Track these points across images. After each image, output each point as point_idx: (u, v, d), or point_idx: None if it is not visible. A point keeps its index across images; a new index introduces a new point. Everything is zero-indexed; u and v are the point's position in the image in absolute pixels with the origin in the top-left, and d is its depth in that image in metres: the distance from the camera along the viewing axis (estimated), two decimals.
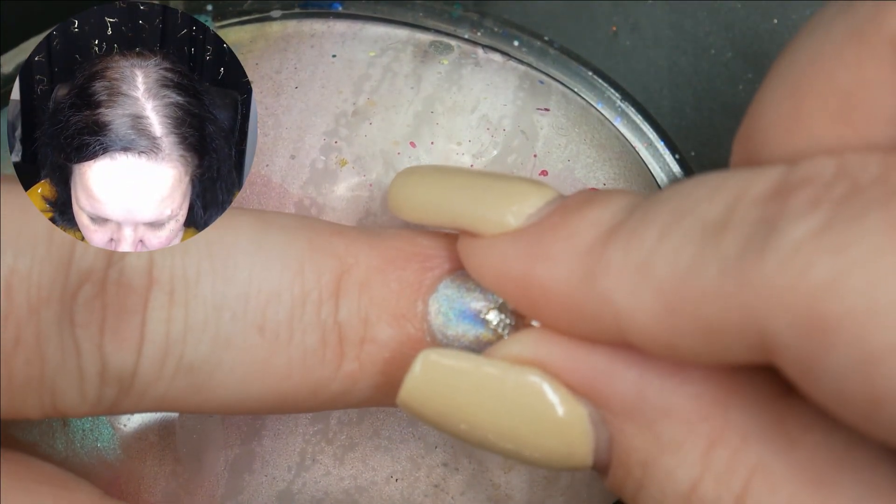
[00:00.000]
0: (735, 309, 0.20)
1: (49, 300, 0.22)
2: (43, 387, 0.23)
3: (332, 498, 0.29)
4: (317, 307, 0.24)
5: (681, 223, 0.21)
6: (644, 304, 0.21)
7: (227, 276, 0.24)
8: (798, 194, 0.20)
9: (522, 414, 0.23)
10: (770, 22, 0.36)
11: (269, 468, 0.29)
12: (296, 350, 0.24)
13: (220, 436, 0.29)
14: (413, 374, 0.23)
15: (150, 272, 0.23)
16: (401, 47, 0.31)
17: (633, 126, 0.32)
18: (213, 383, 0.24)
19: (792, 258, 0.19)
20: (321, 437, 0.29)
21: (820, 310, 0.19)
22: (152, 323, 0.23)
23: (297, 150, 0.30)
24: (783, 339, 0.19)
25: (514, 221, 0.24)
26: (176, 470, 0.29)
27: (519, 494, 0.30)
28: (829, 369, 0.19)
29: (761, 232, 0.20)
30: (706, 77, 0.36)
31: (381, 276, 0.25)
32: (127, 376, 0.23)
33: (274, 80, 0.31)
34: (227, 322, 0.24)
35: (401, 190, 0.25)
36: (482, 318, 0.25)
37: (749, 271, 0.20)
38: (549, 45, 0.32)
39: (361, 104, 0.31)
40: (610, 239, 0.22)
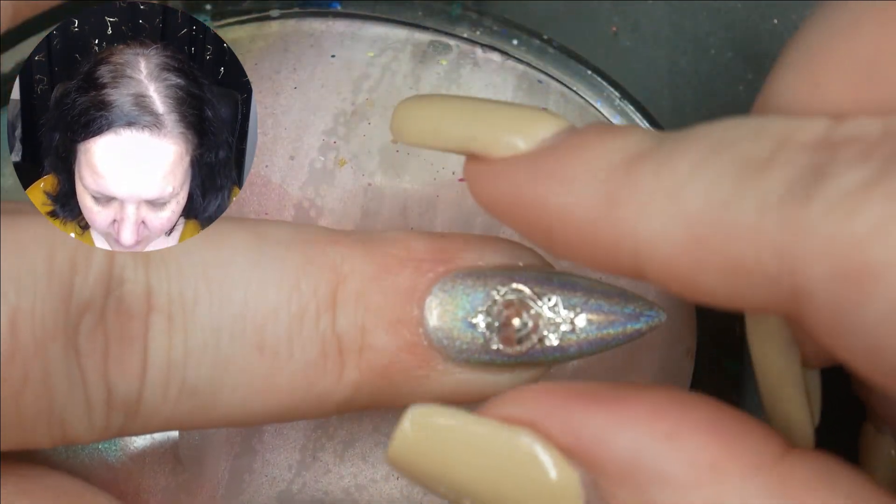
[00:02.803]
0: (770, 250, 0.19)
1: (54, 334, 0.22)
2: (52, 418, 0.23)
3: (332, 497, 0.29)
4: (315, 321, 0.24)
5: (719, 156, 0.20)
6: (670, 232, 0.20)
7: (224, 297, 0.24)
8: (848, 147, 0.19)
9: (513, 475, 0.22)
10: (770, 22, 0.36)
11: (270, 467, 0.29)
12: (297, 365, 0.24)
13: (221, 435, 0.29)
14: (402, 430, 0.22)
15: (149, 298, 0.23)
16: (400, 47, 0.31)
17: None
18: (218, 403, 0.24)
19: (839, 205, 0.18)
20: (321, 433, 0.29)
21: (862, 257, 0.18)
22: (153, 348, 0.23)
23: (296, 150, 0.30)
24: (818, 286, 0.19)
25: (527, 144, 0.22)
26: (176, 470, 0.29)
27: None
28: (865, 321, 0.18)
29: (808, 177, 0.19)
30: (706, 77, 0.36)
31: (377, 283, 0.25)
32: (132, 402, 0.23)
33: (273, 80, 0.31)
34: (227, 343, 0.24)
35: (406, 112, 0.24)
36: (472, 321, 0.25)
37: (792, 214, 0.19)
38: (547, 44, 0.32)
39: (360, 104, 0.31)
40: (636, 164, 0.21)
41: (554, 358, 0.25)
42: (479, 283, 0.25)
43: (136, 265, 0.23)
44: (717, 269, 0.20)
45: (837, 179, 0.19)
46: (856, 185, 0.19)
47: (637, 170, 0.21)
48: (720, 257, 0.20)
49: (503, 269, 0.25)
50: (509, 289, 0.25)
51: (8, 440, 0.23)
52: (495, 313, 0.25)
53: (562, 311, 0.25)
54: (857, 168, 0.19)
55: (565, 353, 0.25)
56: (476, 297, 0.25)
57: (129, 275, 0.23)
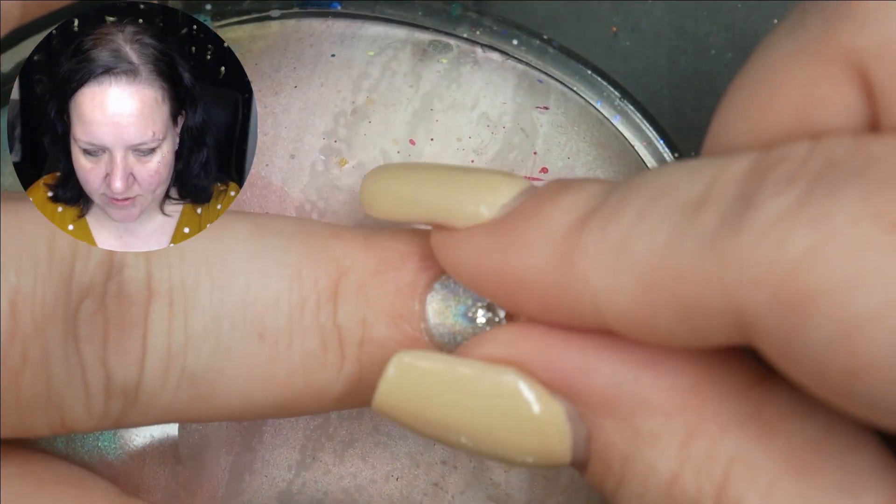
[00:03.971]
0: (713, 286, 0.20)
1: (53, 317, 0.22)
2: (50, 403, 0.23)
3: (331, 497, 0.30)
4: (315, 311, 0.24)
5: (658, 203, 0.21)
6: (622, 284, 0.21)
7: (225, 285, 0.24)
8: (775, 172, 0.20)
9: (498, 413, 0.23)
10: (770, 22, 0.36)
11: (270, 467, 0.29)
12: (297, 355, 0.24)
13: (221, 434, 0.29)
14: (387, 376, 0.23)
15: (149, 284, 0.23)
16: (400, 46, 0.32)
17: (632, 125, 0.32)
18: (217, 392, 0.24)
19: (769, 232, 0.19)
20: (321, 432, 0.30)
21: (798, 282, 0.18)
22: (153, 334, 0.23)
23: (297, 150, 0.30)
24: (761, 315, 0.19)
25: (488, 212, 0.23)
26: (176, 469, 0.29)
27: (519, 493, 0.30)
28: (809, 343, 0.19)
29: (738, 207, 0.20)
30: (706, 77, 0.36)
31: (378, 277, 0.25)
32: (131, 389, 0.24)
33: (273, 80, 0.31)
34: (227, 330, 0.24)
35: (372, 187, 0.25)
36: (473, 316, 0.25)
37: (726, 246, 0.19)
38: (547, 43, 0.32)
39: (361, 103, 0.31)
40: (586, 222, 0.22)
41: None
42: None
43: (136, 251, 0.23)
44: (670, 313, 0.20)
45: (764, 207, 0.19)
46: (783, 211, 0.19)
47: (587, 227, 0.22)
48: (670, 301, 0.20)
49: None
50: None
51: (7, 424, 0.23)
52: (495, 308, 0.25)
53: None
54: (783, 193, 0.19)
55: None
56: (475, 294, 0.25)
57: (130, 261, 0.23)
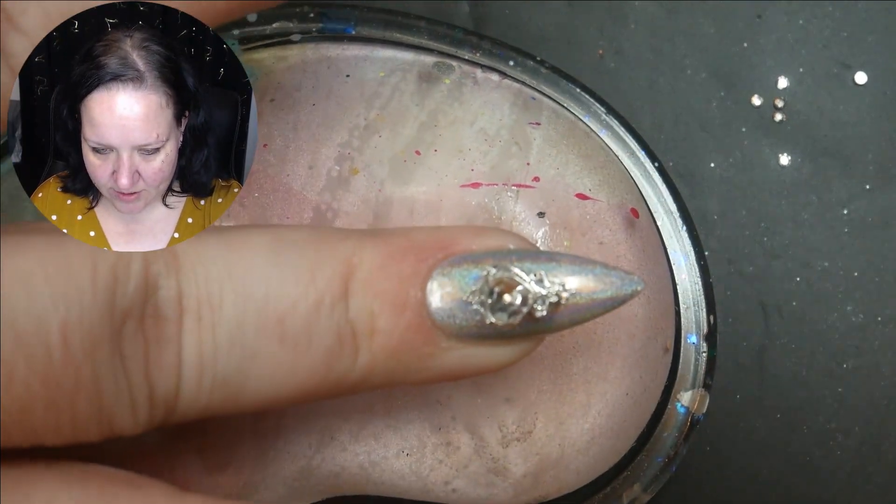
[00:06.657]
0: None
1: (101, 342, 0.23)
2: (102, 417, 0.24)
3: (347, 472, 0.30)
4: (330, 310, 0.25)
5: None
6: None
7: (247, 296, 0.24)
8: None
9: None
10: (740, 45, 0.37)
11: (292, 445, 0.30)
12: (316, 352, 0.25)
13: (248, 419, 0.30)
14: None
15: (180, 302, 0.24)
16: (407, 68, 0.32)
17: (617, 138, 0.33)
18: (247, 391, 0.25)
19: None
20: (338, 416, 0.30)
21: None
22: (187, 347, 0.24)
23: (315, 160, 0.31)
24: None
25: None
26: (202, 446, 0.30)
27: (515, 467, 0.31)
28: None
29: None
30: (683, 95, 0.37)
31: (383, 271, 0.25)
32: (171, 397, 0.24)
33: (294, 98, 0.31)
34: (251, 337, 0.24)
35: None
36: (469, 300, 0.25)
37: None
38: (540, 64, 0.33)
39: (372, 118, 0.31)
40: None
41: (546, 327, 0.26)
42: (474, 266, 0.25)
43: (168, 273, 0.24)
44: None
45: None
46: None
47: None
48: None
49: (494, 252, 0.26)
50: (500, 268, 0.25)
51: (65, 438, 0.24)
52: (489, 291, 0.25)
53: (548, 284, 0.25)
54: None
55: (556, 323, 0.26)
56: (471, 278, 0.25)
57: (163, 282, 0.24)
